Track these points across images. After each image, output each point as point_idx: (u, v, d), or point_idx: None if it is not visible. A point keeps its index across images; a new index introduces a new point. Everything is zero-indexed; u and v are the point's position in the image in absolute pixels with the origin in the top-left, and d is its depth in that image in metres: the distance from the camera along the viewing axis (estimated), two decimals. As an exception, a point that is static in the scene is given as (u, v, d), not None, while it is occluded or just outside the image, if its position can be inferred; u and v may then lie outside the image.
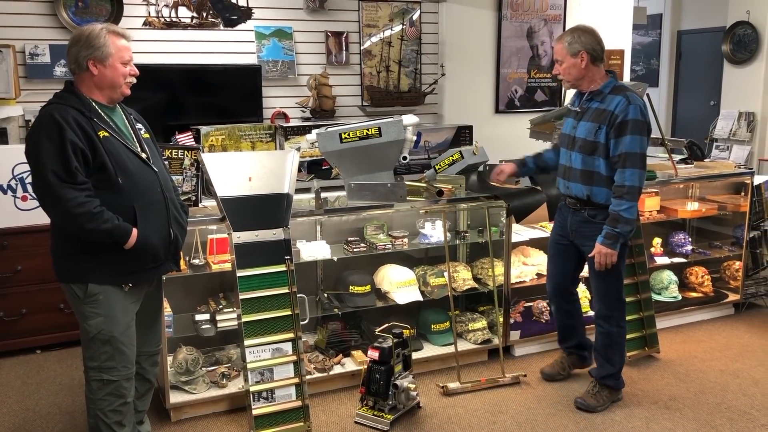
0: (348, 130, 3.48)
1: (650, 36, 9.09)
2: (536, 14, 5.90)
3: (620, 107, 3.10)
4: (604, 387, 3.45)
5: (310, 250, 3.62)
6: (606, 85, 3.20)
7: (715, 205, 4.77)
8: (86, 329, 2.58)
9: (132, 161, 2.57)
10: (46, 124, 2.43)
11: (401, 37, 5.51)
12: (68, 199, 2.40)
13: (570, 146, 3.31)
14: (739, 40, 6.64)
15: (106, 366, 2.60)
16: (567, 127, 3.37)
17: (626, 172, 3.10)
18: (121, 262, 2.55)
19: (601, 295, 3.41)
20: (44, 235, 3.80)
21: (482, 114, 5.79)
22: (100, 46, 2.50)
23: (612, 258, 3.18)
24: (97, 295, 2.55)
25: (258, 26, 5.04)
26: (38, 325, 4.07)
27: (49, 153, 2.39)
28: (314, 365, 3.57)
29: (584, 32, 3.21)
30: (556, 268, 3.58)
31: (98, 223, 2.43)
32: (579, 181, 3.27)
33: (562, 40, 3.23)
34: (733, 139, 6.65)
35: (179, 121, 4.49)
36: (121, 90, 2.59)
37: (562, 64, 3.24)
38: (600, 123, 3.16)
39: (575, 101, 3.37)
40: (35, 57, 4.46)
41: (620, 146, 3.10)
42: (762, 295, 4.87)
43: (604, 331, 3.42)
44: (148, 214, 2.58)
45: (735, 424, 3.27)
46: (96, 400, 2.63)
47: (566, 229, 3.43)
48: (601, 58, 3.21)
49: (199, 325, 3.43)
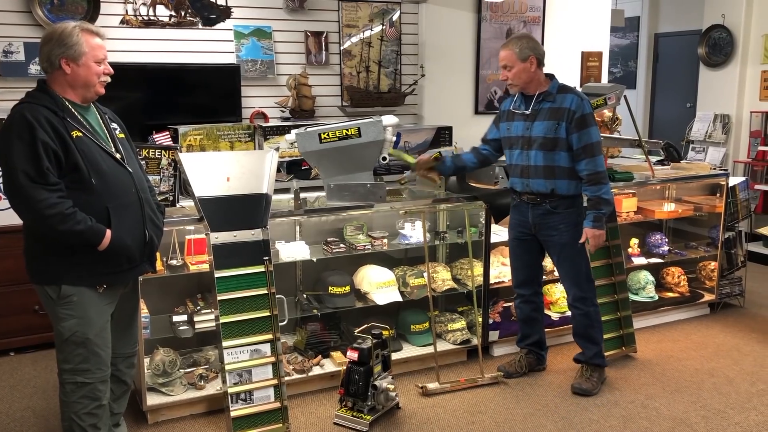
0: (327, 131, 3.47)
1: (628, 38, 9.17)
2: (515, 16, 5.93)
3: (575, 104, 3.35)
4: (595, 368, 3.63)
5: (289, 250, 3.60)
6: (553, 86, 3.43)
7: (691, 206, 4.83)
8: (60, 331, 2.55)
9: (106, 162, 2.54)
10: (17, 124, 2.39)
11: (381, 38, 5.50)
12: (39, 200, 2.37)
13: (526, 146, 3.45)
14: (715, 44, 6.72)
15: (80, 368, 2.57)
16: (517, 129, 3.49)
17: (596, 159, 3.36)
18: (94, 263, 2.52)
19: (573, 279, 3.58)
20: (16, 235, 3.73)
21: (462, 115, 5.81)
22: (73, 45, 2.47)
23: (602, 238, 3.46)
24: (70, 297, 2.52)
25: (237, 25, 5.00)
26: (12, 327, 4.01)
27: (20, 153, 2.36)
28: (293, 366, 3.56)
29: (530, 39, 3.46)
30: (521, 261, 3.69)
31: (70, 225, 2.40)
32: (541, 177, 3.43)
33: (510, 47, 3.40)
34: (708, 141, 6.74)
35: (157, 120, 4.44)
36: (95, 89, 2.56)
37: (511, 69, 3.41)
38: (558, 120, 3.36)
39: (519, 105, 3.50)
40: (9, 55, 4.39)
41: (584, 138, 3.34)
42: (736, 295, 4.94)
43: (582, 312, 3.59)
44: (122, 215, 2.55)
45: (710, 422, 3.31)
46: (70, 403, 2.59)
47: (527, 224, 3.56)
48: (544, 62, 3.44)
49: (176, 326, 3.40)
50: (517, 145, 3.49)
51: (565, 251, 3.49)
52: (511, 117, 3.53)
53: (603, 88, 4.43)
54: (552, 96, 3.40)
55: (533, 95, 3.43)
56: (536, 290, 3.74)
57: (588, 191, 3.38)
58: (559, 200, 3.43)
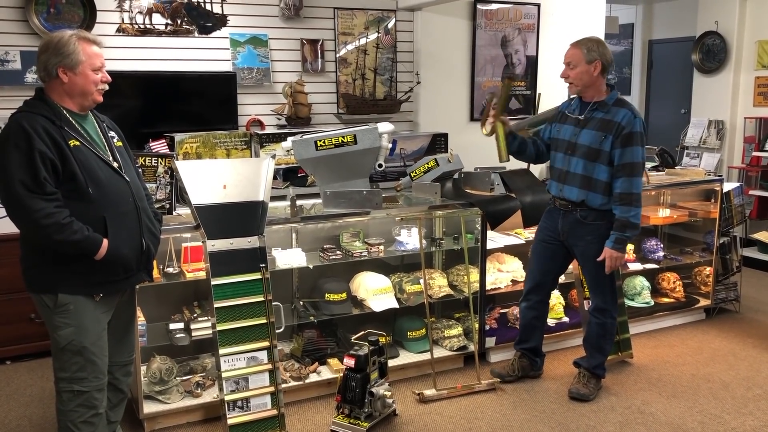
0: (323, 138, 3.48)
1: (622, 45, 9.22)
2: (510, 23, 5.96)
3: (627, 119, 3.27)
4: (593, 376, 3.62)
5: (285, 257, 3.61)
6: (610, 98, 3.36)
7: (686, 212, 4.85)
8: (57, 340, 2.55)
9: (103, 171, 2.53)
10: (14, 134, 2.39)
11: (377, 46, 5.52)
12: (36, 210, 2.37)
13: (570, 151, 3.42)
14: (708, 50, 6.76)
15: (77, 377, 2.56)
16: (566, 132, 3.46)
17: (633, 180, 3.29)
18: (91, 272, 2.52)
19: (598, 291, 3.55)
20: (12, 244, 3.73)
21: (457, 122, 5.83)
22: (70, 53, 2.46)
23: (621, 260, 3.40)
24: (67, 305, 2.51)
25: (233, 33, 5.02)
26: (8, 336, 4.00)
27: (16, 163, 2.36)
28: (290, 373, 3.56)
29: (601, 43, 3.37)
30: (540, 266, 3.67)
31: (67, 234, 2.40)
32: (576, 185, 3.40)
33: (580, 46, 3.34)
34: (703, 146, 6.76)
35: (153, 128, 4.45)
36: (92, 97, 2.56)
37: (574, 69, 3.35)
38: (606, 132, 3.29)
39: (574, 109, 3.45)
40: (5, 63, 4.39)
41: (626, 156, 3.27)
42: (732, 300, 4.95)
43: (599, 322, 3.58)
44: (119, 224, 2.55)
45: (706, 427, 3.31)
46: (67, 412, 2.59)
47: (556, 230, 3.53)
48: (609, 71, 3.35)
49: (173, 334, 3.40)
50: (562, 149, 3.47)
51: (590, 262, 3.45)
52: (564, 120, 3.50)
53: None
54: (607, 107, 3.33)
55: (589, 102, 3.39)
56: (543, 299, 3.72)
57: (618, 210, 3.30)
58: (589, 211, 3.39)
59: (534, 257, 3.70)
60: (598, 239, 3.38)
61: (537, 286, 3.69)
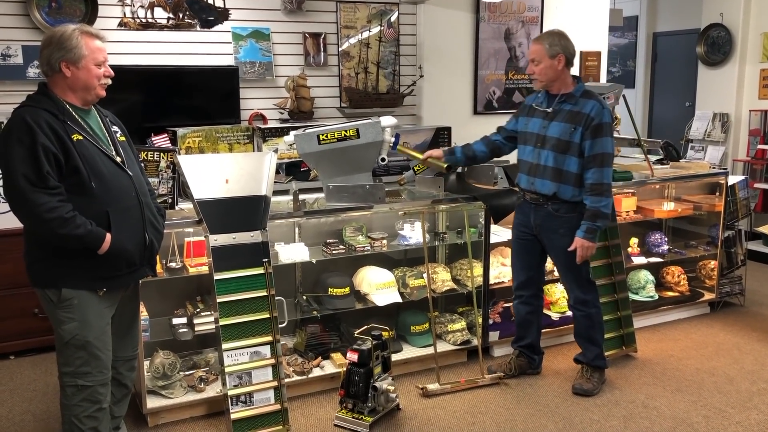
0: (326, 132, 3.47)
1: (626, 38, 9.18)
2: (513, 16, 5.92)
3: (595, 111, 3.29)
4: (595, 369, 3.63)
5: (288, 252, 3.60)
6: (577, 89, 3.38)
7: (691, 205, 4.82)
8: (60, 334, 2.55)
9: (106, 165, 2.52)
10: (17, 128, 2.38)
11: (379, 39, 5.50)
12: (39, 204, 2.36)
13: (540, 144, 3.42)
14: (713, 42, 6.72)
15: (80, 371, 2.56)
16: (534, 126, 3.46)
17: (604, 170, 3.30)
18: (94, 267, 2.52)
19: (574, 281, 3.56)
20: (15, 239, 3.74)
21: (461, 115, 5.80)
22: (73, 48, 2.45)
23: (592, 250, 3.39)
24: (71, 300, 2.51)
25: (235, 27, 5.00)
26: (12, 331, 4.01)
27: (20, 157, 2.35)
28: (293, 368, 3.55)
29: (562, 36, 3.38)
30: (522, 262, 3.68)
31: (70, 229, 2.39)
32: (548, 178, 3.40)
33: (542, 41, 3.35)
34: (707, 139, 6.73)
35: (155, 122, 4.44)
36: (95, 92, 2.54)
37: (538, 65, 3.36)
38: (575, 124, 3.30)
39: (542, 102, 3.46)
40: (7, 58, 4.38)
41: (597, 147, 3.28)
42: (737, 294, 4.93)
43: (584, 314, 3.59)
44: (122, 219, 2.54)
45: (711, 421, 3.30)
46: (71, 406, 2.59)
47: (529, 224, 3.55)
48: (572, 63, 3.38)
49: (176, 328, 3.40)
50: (531, 142, 3.46)
51: (564, 254, 3.45)
52: (532, 113, 3.50)
53: (602, 88, 4.43)
54: (574, 99, 3.35)
55: (556, 95, 3.40)
56: (535, 293, 3.71)
57: (588, 200, 3.32)
58: (561, 204, 3.41)
59: (514, 255, 3.71)
60: (571, 231, 3.39)
61: (525, 282, 3.68)
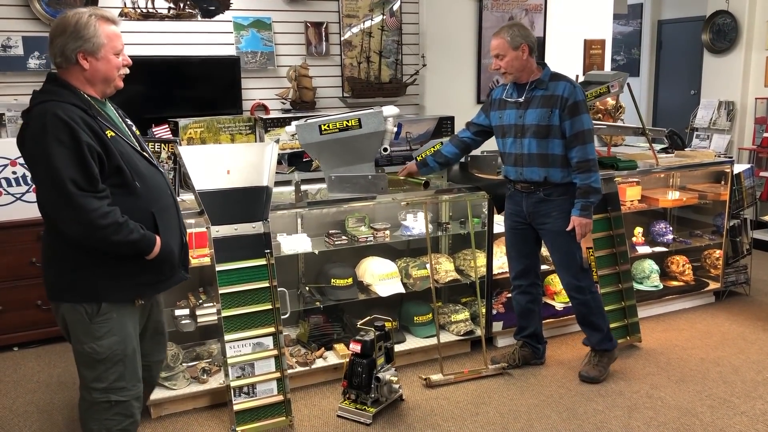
0: (328, 122, 3.44)
1: (631, 26, 9.11)
2: (517, 4, 5.88)
3: (568, 91, 3.33)
4: (603, 354, 3.64)
5: (290, 243, 3.59)
6: (545, 74, 3.42)
7: (696, 194, 4.79)
8: (95, 350, 2.30)
9: (141, 162, 2.32)
10: (52, 126, 2.11)
11: (381, 28, 5.47)
12: (91, 210, 2.13)
13: (519, 134, 3.44)
14: (719, 30, 6.66)
15: (115, 386, 2.35)
16: (510, 117, 3.47)
17: (587, 147, 3.34)
18: (139, 274, 2.33)
19: (567, 267, 3.56)
20: (17, 231, 3.75)
21: (464, 105, 5.77)
22: (91, 37, 2.21)
23: (589, 226, 3.41)
24: (109, 313, 2.30)
25: (236, 17, 4.97)
26: (15, 323, 4.01)
27: (64, 160, 2.10)
28: (296, 359, 3.55)
29: (521, 26, 3.43)
30: (518, 251, 3.67)
31: (124, 234, 2.19)
32: (535, 165, 3.42)
33: (502, 35, 3.38)
34: (713, 128, 6.68)
35: (156, 113, 4.42)
36: (114, 83, 2.34)
37: (503, 59, 3.39)
38: (551, 107, 3.34)
39: (512, 93, 3.48)
40: (8, 49, 4.37)
41: (576, 125, 3.32)
42: (742, 283, 4.91)
43: (579, 301, 3.59)
44: (165, 219, 2.36)
45: (716, 411, 3.29)
46: (103, 420, 2.38)
47: (522, 213, 3.56)
48: (536, 50, 3.41)
49: (179, 320, 3.39)
50: (510, 133, 3.47)
51: (558, 239, 3.46)
52: (503, 105, 3.50)
53: (606, 76, 4.39)
54: (544, 84, 3.37)
55: (526, 83, 3.41)
56: (533, 281, 3.69)
57: (578, 179, 3.35)
58: (552, 188, 3.42)
59: (509, 246, 3.70)
60: (564, 214, 3.41)
61: (522, 271, 3.67)
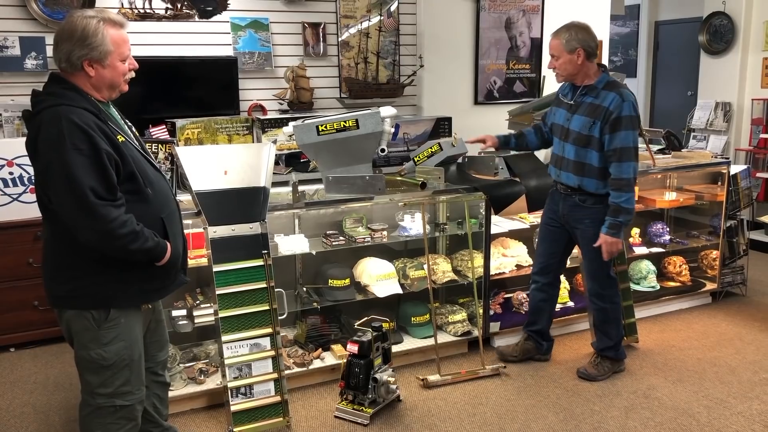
0: (325, 123, 3.44)
1: (628, 27, 9.12)
2: (514, 5, 5.88)
3: (615, 104, 3.21)
4: (606, 358, 3.64)
5: (288, 243, 3.59)
6: (599, 81, 3.30)
7: (693, 195, 4.80)
8: (102, 356, 2.30)
9: (148, 168, 2.31)
10: (69, 133, 2.05)
11: (379, 29, 5.46)
12: (111, 220, 2.11)
13: (563, 137, 3.42)
14: (716, 31, 6.67)
15: (120, 391, 2.36)
16: (560, 117, 3.45)
17: (623, 165, 3.24)
18: (147, 280, 2.34)
19: (592, 275, 3.56)
20: (15, 231, 3.74)
21: (461, 105, 5.77)
22: (98, 45, 2.16)
23: (618, 246, 3.35)
24: (117, 319, 2.29)
25: (234, 17, 4.97)
26: (12, 323, 4.00)
27: (82, 168, 2.06)
28: (293, 360, 3.55)
29: (580, 29, 3.29)
30: (546, 248, 3.68)
31: (141, 243, 2.19)
32: (571, 171, 3.40)
33: (559, 36, 3.29)
34: (710, 129, 6.70)
35: (153, 114, 4.42)
36: (120, 88, 2.30)
37: (558, 60, 3.32)
38: (594, 118, 3.26)
39: (568, 93, 3.44)
40: (4, 50, 4.36)
41: (615, 141, 3.23)
42: (738, 284, 4.92)
43: (598, 308, 3.59)
44: (171, 224, 2.36)
45: (712, 411, 3.30)
46: (106, 424, 2.39)
47: (558, 213, 3.55)
48: (596, 54, 3.31)
49: (176, 321, 3.39)
50: (557, 133, 3.47)
51: (587, 246, 3.45)
52: (559, 104, 3.49)
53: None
54: (596, 91, 3.28)
55: (579, 86, 3.35)
56: (551, 281, 3.71)
57: (611, 196, 3.29)
58: (587, 195, 3.39)
59: (539, 240, 3.74)
60: (596, 222, 3.37)
61: (543, 269, 3.70)
